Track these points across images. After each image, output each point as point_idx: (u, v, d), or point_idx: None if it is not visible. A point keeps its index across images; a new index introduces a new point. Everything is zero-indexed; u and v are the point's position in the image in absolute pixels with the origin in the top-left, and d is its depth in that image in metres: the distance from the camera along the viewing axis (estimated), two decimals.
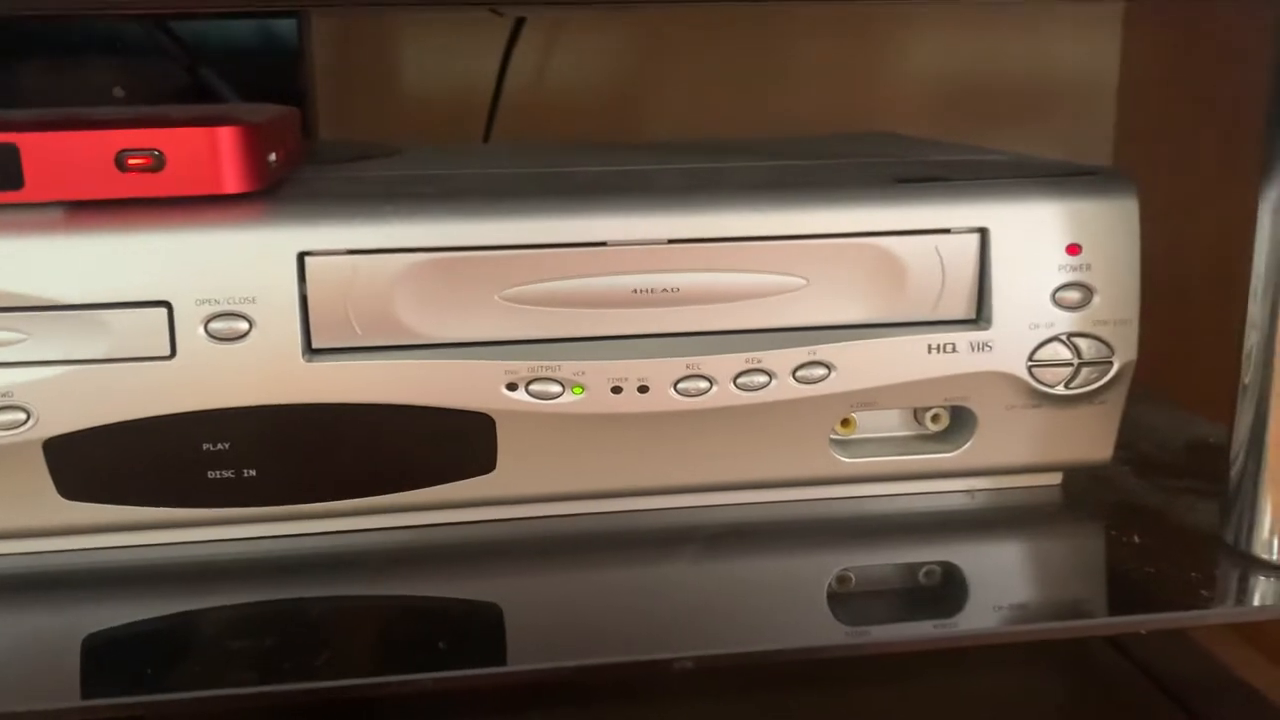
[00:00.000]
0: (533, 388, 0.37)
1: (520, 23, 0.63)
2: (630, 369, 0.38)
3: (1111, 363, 0.40)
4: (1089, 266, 0.39)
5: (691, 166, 0.43)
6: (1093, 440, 0.41)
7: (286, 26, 0.62)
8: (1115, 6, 0.74)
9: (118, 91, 0.54)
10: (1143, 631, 0.36)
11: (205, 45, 0.55)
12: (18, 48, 0.58)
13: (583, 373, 0.37)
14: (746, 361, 0.38)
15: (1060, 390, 0.40)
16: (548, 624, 0.35)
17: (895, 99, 0.73)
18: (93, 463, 0.36)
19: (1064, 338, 0.39)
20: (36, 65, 0.57)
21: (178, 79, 0.53)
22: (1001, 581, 0.38)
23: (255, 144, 0.36)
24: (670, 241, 0.37)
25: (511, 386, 0.37)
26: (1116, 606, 0.36)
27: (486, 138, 0.66)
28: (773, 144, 0.52)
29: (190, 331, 0.35)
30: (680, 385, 0.38)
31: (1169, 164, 0.63)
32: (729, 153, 0.48)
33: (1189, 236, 0.46)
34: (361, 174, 0.43)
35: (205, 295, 0.35)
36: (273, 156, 0.38)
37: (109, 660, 0.33)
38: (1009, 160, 0.44)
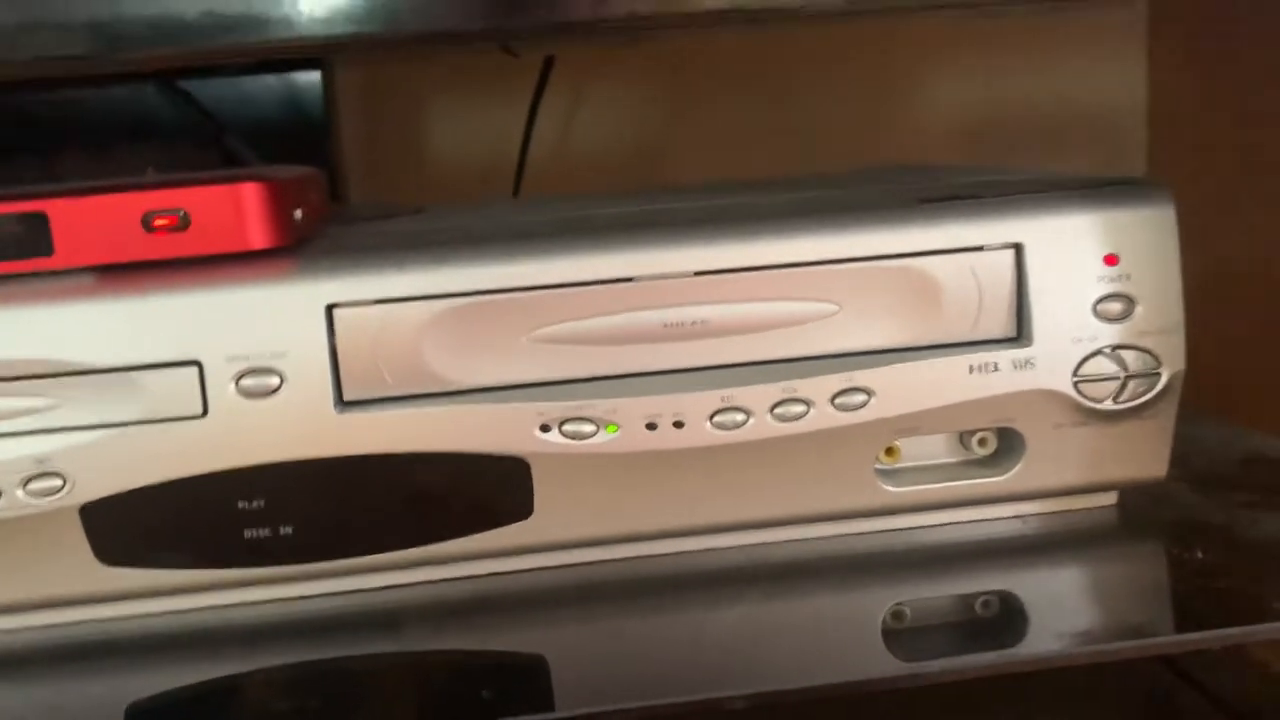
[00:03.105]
0: (566, 428, 0.37)
1: (547, 71, 0.64)
2: (664, 404, 0.37)
3: (1159, 374, 0.39)
4: (1128, 276, 0.38)
5: (714, 203, 0.43)
6: (1146, 456, 0.40)
7: (312, 93, 0.63)
8: (1139, 31, 0.73)
9: (151, 174, 0.55)
10: (1217, 648, 0.34)
11: (231, 116, 0.56)
12: (48, 136, 0.59)
13: (615, 410, 0.37)
14: (782, 391, 0.37)
15: (1108, 405, 0.39)
16: (595, 672, 0.34)
17: (919, 137, 0.73)
18: (129, 526, 0.36)
19: (1108, 350, 0.38)
20: (67, 153, 0.58)
21: (207, 153, 0.54)
22: (1063, 608, 0.36)
23: (279, 200, 0.36)
24: (697, 273, 0.37)
25: (545, 428, 0.37)
26: (1187, 624, 0.34)
27: (516, 192, 0.66)
28: (793, 180, 0.52)
29: (221, 389, 0.35)
30: (716, 418, 0.37)
31: (1206, 185, 0.62)
32: (751, 190, 0.48)
33: (1228, 254, 0.44)
34: (386, 229, 0.43)
35: (235, 352, 0.35)
36: (298, 213, 0.38)
37: None
38: (1038, 176, 0.43)
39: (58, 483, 0.35)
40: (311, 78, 0.63)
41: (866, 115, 0.73)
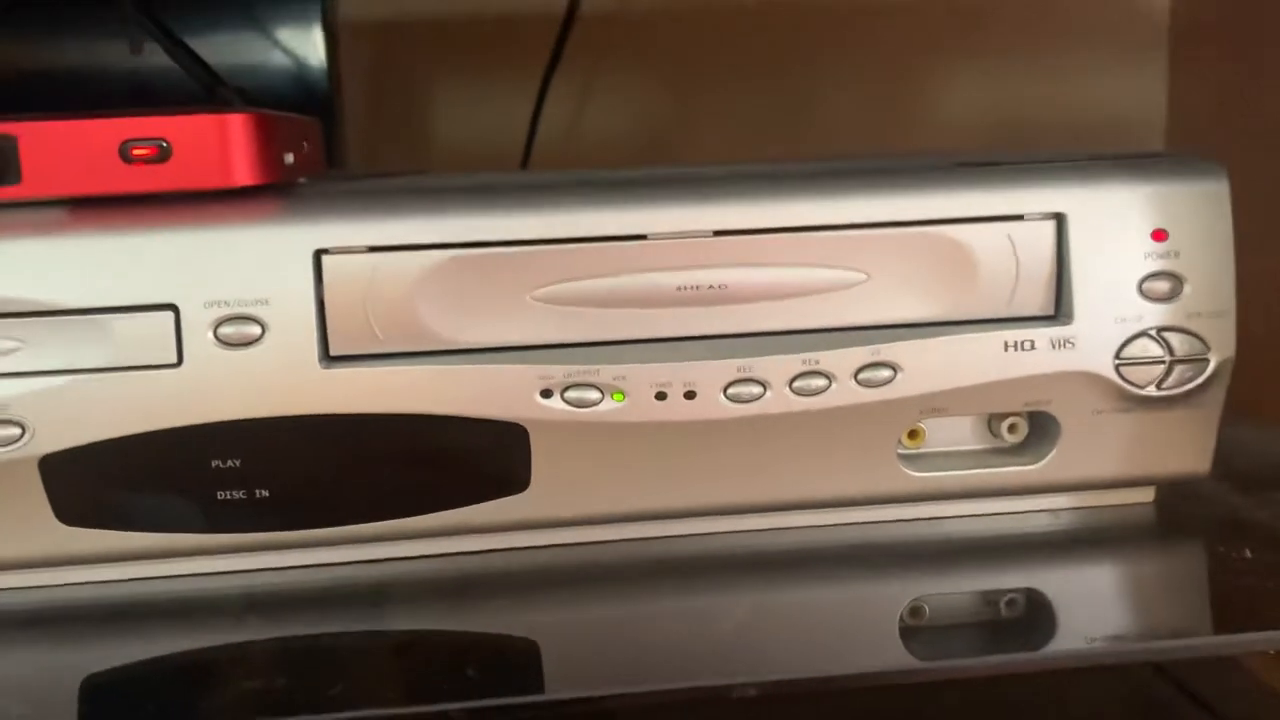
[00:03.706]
0: (569, 394, 0.34)
1: (562, 40, 0.62)
2: (675, 372, 0.34)
3: (1207, 360, 0.36)
4: (1177, 254, 0.36)
5: (735, 166, 0.41)
6: (1189, 449, 0.37)
7: (317, 75, 0.61)
8: (1160, 41, 0.71)
9: None
10: (1271, 651, 0.31)
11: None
12: (31, 84, 0.57)
13: (623, 377, 0.34)
14: (803, 363, 0.35)
15: (1151, 391, 0.36)
16: (589, 659, 0.31)
17: (934, 134, 0.72)
18: (93, 483, 0.33)
19: (1153, 332, 0.36)
20: (51, 99, 0.56)
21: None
22: (1094, 609, 0.34)
23: (267, 135, 0.33)
24: (716, 234, 0.34)
25: (546, 394, 0.34)
26: (1234, 624, 0.31)
27: (523, 168, 0.64)
28: (818, 158, 0.50)
29: (198, 337, 0.33)
30: (730, 390, 0.35)
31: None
32: (775, 163, 0.45)
33: (1243, 270, 0.43)
34: (384, 182, 0.41)
35: (214, 297, 0.33)
36: (289, 157, 0.36)
37: (110, 703, 0.30)
38: (1080, 151, 0.41)
39: (16, 431, 0.32)
40: (317, 52, 0.61)
41: (881, 111, 0.71)
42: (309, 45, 0.61)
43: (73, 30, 0.58)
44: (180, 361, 0.33)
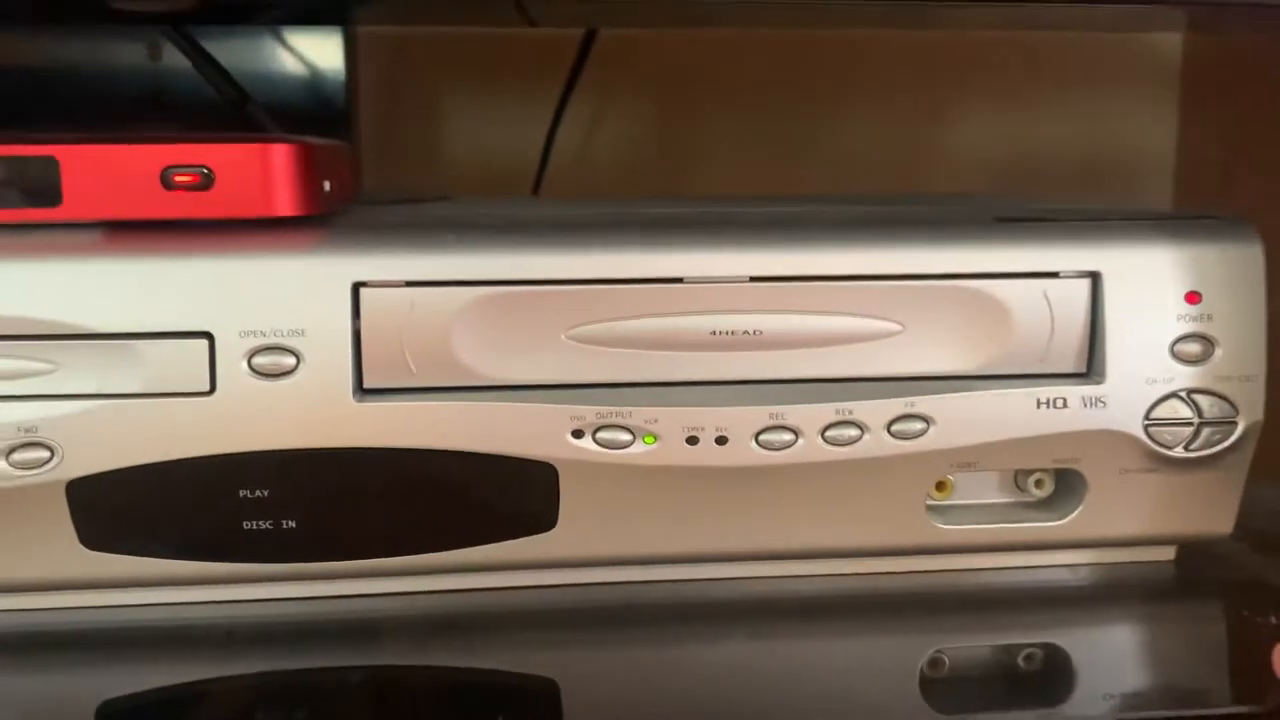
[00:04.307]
0: (600, 435, 0.34)
1: (583, 56, 0.62)
2: (708, 417, 0.34)
3: (1235, 423, 0.36)
4: (1210, 317, 0.36)
5: (772, 209, 0.41)
6: (1213, 510, 0.37)
7: (334, 87, 0.61)
8: (1172, 79, 0.72)
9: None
10: None
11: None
12: (57, 104, 0.57)
13: (655, 420, 0.34)
14: (836, 413, 0.35)
15: (1179, 453, 0.36)
16: (608, 703, 0.31)
17: (947, 165, 0.72)
18: (119, 508, 0.33)
19: (1184, 394, 0.36)
20: (79, 122, 0.56)
21: (228, 124, 0.51)
22: (1113, 666, 0.34)
23: (309, 166, 0.33)
24: (753, 279, 0.34)
25: (577, 434, 0.34)
26: (1252, 694, 0.31)
27: (535, 191, 0.64)
28: (851, 197, 0.50)
29: (232, 366, 0.32)
30: (762, 437, 0.34)
31: None
32: (806, 201, 0.45)
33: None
34: (418, 211, 0.41)
35: (250, 327, 0.32)
36: (327, 185, 0.35)
37: None
38: (1116, 208, 0.41)
39: (44, 454, 0.32)
40: (335, 64, 0.61)
41: (894, 143, 0.71)
42: (328, 59, 0.61)
43: (90, 34, 0.58)
44: (213, 390, 0.32)
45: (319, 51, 0.61)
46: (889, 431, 0.35)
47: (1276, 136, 0.62)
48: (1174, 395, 0.36)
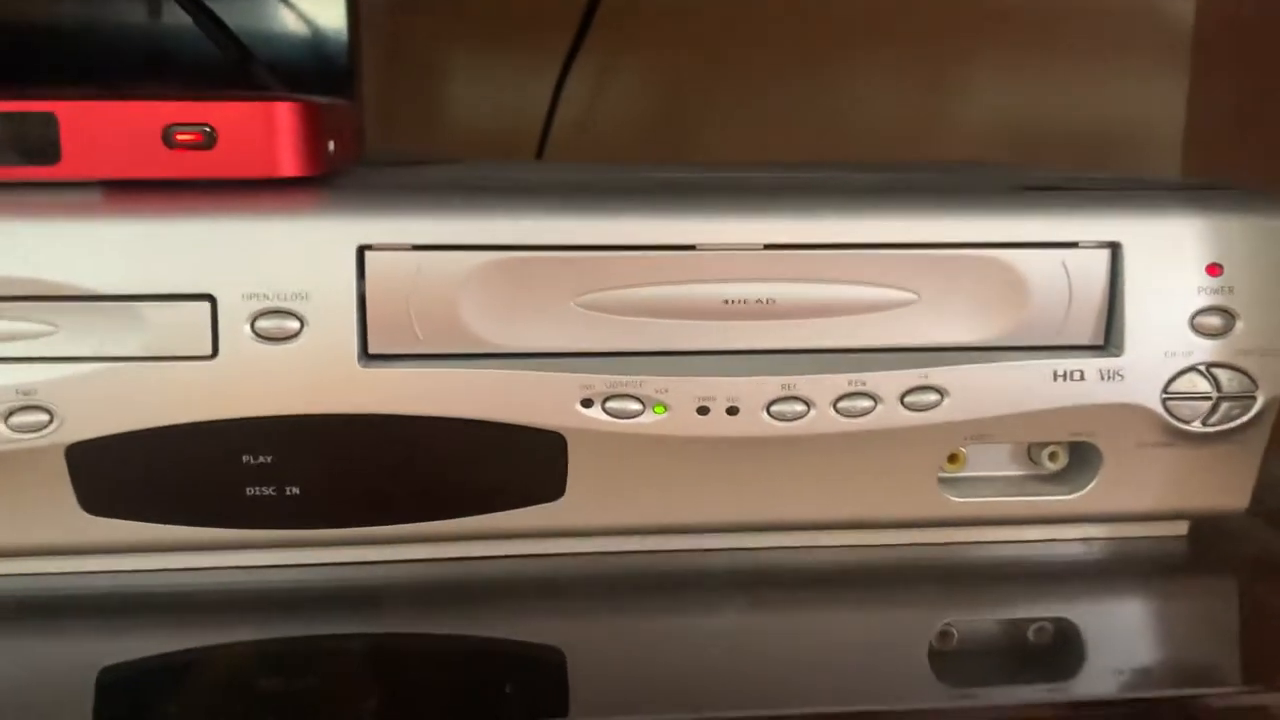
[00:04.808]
0: (610, 405, 0.33)
1: (585, 24, 0.61)
2: (719, 387, 0.34)
3: (1255, 398, 0.36)
4: (1231, 289, 0.35)
5: (786, 175, 0.40)
6: (1229, 485, 0.37)
7: (336, 47, 0.60)
8: (1182, 49, 0.71)
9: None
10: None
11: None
12: (56, 64, 0.56)
13: (666, 390, 0.33)
14: (849, 384, 0.34)
15: (1196, 427, 0.36)
16: (615, 673, 0.31)
17: (955, 132, 0.71)
18: (119, 473, 0.32)
19: (1203, 368, 0.35)
20: (84, 78, 0.55)
21: (232, 83, 0.50)
22: (1124, 642, 0.33)
23: (315, 125, 0.32)
24: (767, 247, 0.34)
25: (587, 403, 0.33)
26: (1265, 673, 0.31)
27: (539, 156, 0.63)
28: (865, 165, 0.49)
29: (235, 329, 0.32)
30: (774, 408, 0.34)
31: None
32: (821, 167, 0.44)
33: None
34: (425, 174, 0.40)
35: (254, 290, 0.32)
36: (332, 145, 0.35)
37: (126, 697, 0.29)
38: (1137, 178, 0.40)
39: (44, 418, 0.32)
40: (338, 23, 0.60)
41: (904, 108, 0.71)
42: (331, 18, 0.60)
43: None
44: (215, 354, 0.32)
45: (321, 10, 0.60)
46: (902, 403, 0.34)
47: None
48: (1193, 369, 0.35)
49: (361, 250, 0.32)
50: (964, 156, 0.68)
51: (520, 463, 0.34)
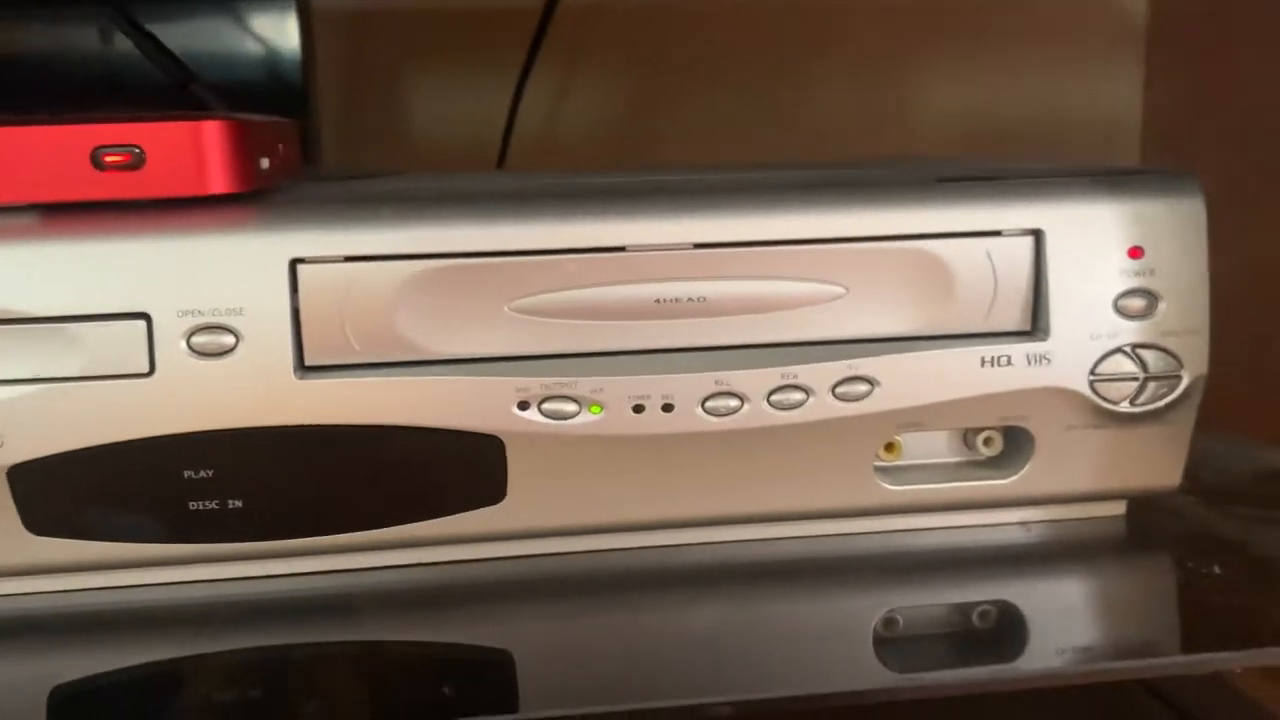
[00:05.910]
0: (546, 407, 0.34)
1: (541, 33, 0.61)
2: (653, 385, 0.34)
3: (1180, 377, 0.36)
4: (1153, 271, 0.36)
5: (714, 176, 0.40)
6: (1161, 464, 0.38)
7: (290, 66, 0.61)
8: (1137, 40, 0.72)
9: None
10: (1238, 670, 0.32)
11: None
12: (15, 87, 0.56)
13: (601, 390, 0.34)
14: (781, 377, 0.35)
15: (1125, 408, 0.36)
16: (565, 671, 0.31)
17: (912, 132, 0.72)
18: (62, 492, 0.33)
19: (1128, 349, 0.36)
20: (16, 102, 0.55)
21: (172, 104, 0.51)
22: (1065, 622, 0.34)
23: (243, 142, 0.33)
24: (696, 246, 0.34)
25: (523, 405, 0.34)
26: (1204, 643, 0.32)
27: (500, 165, 0.64)
28: (798, 164, 0.49)
29: (171, 346, 0.32)
30: (708, 403, 0.34)
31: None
32: (755, 168, 0.45)
33: (1224, 271, 0.44)
34: (360, 187, 0.40)
35: (188, 306, 0.32)
36: (265, 162, 0.35)
37: (79, 716, 0.30)
38: (1058, 167, 0.41)
39: None
40: (291, 44, 0.60)
41: (860, 111, 0.71)
42: (283, 37, 0.61)
43: (41, 18, 0.57)
44: (152, 371, 0.32)
45: (274, 30, 0.61)
46: (834, 394, 0.35)
47: (1241, 94, 0.62)
48: (1118, 350, 0.36)
49: (294, 264, 0.33)
50: (920, 150, 0.69)
51: (460, 467, 0.34)
